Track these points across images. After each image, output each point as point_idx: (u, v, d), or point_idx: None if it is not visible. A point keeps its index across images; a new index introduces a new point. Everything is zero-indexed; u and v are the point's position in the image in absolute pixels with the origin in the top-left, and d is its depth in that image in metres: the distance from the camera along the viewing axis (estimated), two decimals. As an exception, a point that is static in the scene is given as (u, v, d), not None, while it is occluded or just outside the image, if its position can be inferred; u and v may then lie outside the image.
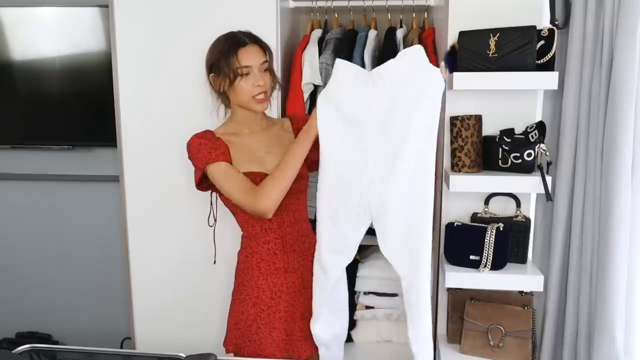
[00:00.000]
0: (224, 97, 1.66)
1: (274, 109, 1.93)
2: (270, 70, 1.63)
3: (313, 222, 1.74)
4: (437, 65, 1.93)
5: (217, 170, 1.56)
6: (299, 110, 1.99)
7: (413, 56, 1.43)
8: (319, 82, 2.01)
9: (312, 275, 1.61)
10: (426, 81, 1.42)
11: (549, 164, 1.74)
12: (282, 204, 1.57)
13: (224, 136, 1.64)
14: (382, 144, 1.44)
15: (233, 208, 1.66)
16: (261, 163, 1.63)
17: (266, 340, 1.63)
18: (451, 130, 1.79)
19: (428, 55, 1.95)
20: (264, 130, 1.71)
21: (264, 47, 1.62)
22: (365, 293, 2.15)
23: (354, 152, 1.46)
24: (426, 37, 2.04)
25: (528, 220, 1.83)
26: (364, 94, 1.44)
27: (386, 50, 2.07)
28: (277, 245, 1.64)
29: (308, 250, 1.67)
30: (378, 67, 1.46)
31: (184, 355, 1.46)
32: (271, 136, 1.70)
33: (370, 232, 2.09)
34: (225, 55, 1.55)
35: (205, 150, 1.58)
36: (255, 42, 1.60)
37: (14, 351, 1.46)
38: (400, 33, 2.08)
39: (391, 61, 1.44)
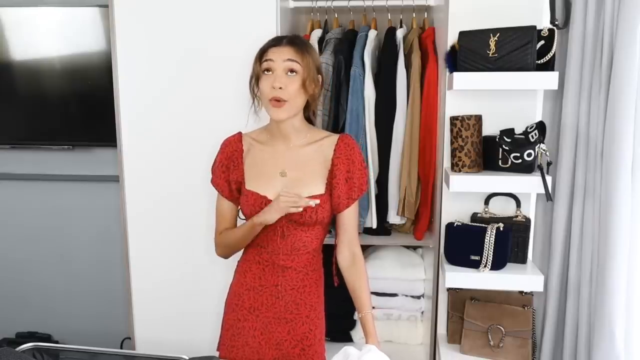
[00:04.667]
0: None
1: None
2: (303, 80, 1.44)
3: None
4: (437, 65, 1.94)
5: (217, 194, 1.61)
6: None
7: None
8: (318, 81, 2.01)
9: (299, 307, 1.54)
10: None
11: (549, 164, 1.74)
12: (279, 231, 1.50)
13: (250, 140, 1.57)
14: None
15: None
16: (268, 185, 1.50)
17: (238, 351, 1.56)
18: (451, 130, 1.78)
19: (428, 55, 1.98)
20: (295, 147, 1.53)
21: (301, 51, 1.44)
22: (365, 293, 2.15)
23: None
24: (426, 37, 2.04)
25: (528, 220, 1.83)
26: None
27: (386, 50, 2.07)
28: (268, 265, 1.54)
29: (302, 281, 1.54)
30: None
31: (186, 357, 1.45)
32: (298, 156, 1.52)
33: (371, 232, 2.10)
34: (259, 53, 1.48)
35: (216, 164, 1.59)
36: (292, 43, 1.45)
37: (17, 349, 1.46)
38: (400, 33, 2.08)
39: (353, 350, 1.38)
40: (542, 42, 1.68)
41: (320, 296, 1.60)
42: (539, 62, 1.68)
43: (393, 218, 2.10)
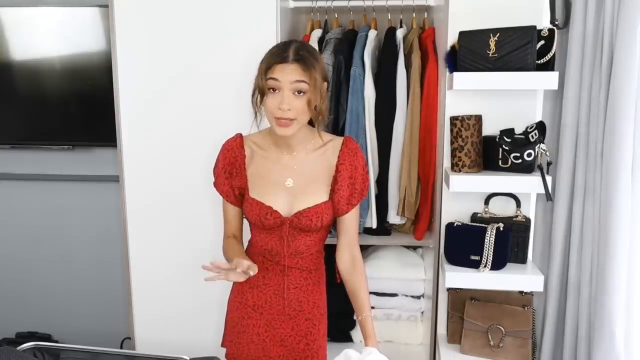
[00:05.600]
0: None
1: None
2: (308, 100, 1.38)
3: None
4: (437, 65, 1.94)
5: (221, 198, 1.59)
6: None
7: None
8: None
9: (301, 304, 1.56)
10: None
11: (549, 164, 1.75)
12: (285, 240, 1.50)
13: (252, 145, 1.53)
14: None
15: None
16: (273, 195, 1.48)
17: (244, 348, 1.58)
18: (451, 130, 1.79)
19: (428, 55, 1.98)
20: (299, 155, 1.50)
21: (309, 69, 1.37)
22: (365, 293, 2.15)
23: None
24: (426, 37, 2.04)
25: (528, 220, 1.83)
26: None
27: (386, 50, 2.07)
28: (271, 264, 1.55)
29: (305, 280, 1.56)
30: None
31: (187, 358, 1.46)
32: (302, 165, 1.50)
33: (371, 232, 2.10)
34: (263, 66, 1.40)
35: (218, 169, 1.56)
36: (299, 60, 1.37)
37: (17, 349, 1.46)
38: (400, 33, 2.08)
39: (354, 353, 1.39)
40: (542, 42, 1.68)
41: (323, 293, 1.61)
42: (539, 62, 1.68)
43: (393, 218, 2.10)
